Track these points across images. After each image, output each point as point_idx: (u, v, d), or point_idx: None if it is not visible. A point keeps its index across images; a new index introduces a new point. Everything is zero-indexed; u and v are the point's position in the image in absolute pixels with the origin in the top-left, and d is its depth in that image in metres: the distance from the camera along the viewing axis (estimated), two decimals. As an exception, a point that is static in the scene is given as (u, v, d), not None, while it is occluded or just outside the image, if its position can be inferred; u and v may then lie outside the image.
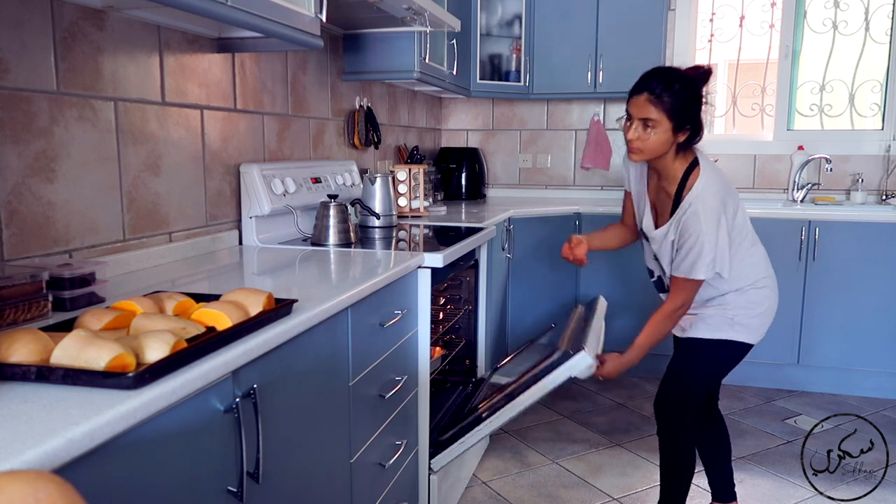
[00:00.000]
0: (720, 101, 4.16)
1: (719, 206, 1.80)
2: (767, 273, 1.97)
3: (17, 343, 0.90)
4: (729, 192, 1.87)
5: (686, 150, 1.85)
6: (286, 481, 1.25)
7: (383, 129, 3.20)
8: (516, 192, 4.20)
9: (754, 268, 1.93)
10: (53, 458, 0.71)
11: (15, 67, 1.34)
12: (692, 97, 1.79)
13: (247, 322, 1.11)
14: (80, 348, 0.89)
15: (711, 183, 1.82)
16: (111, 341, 0.90)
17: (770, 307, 1.96)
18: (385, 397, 1.72)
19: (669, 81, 1.77)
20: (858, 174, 3.70)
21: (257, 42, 1.94)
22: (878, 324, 3.28)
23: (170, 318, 1.09)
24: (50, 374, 0.86)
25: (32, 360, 0.89)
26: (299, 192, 2.24)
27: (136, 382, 0.85)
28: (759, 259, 1.96)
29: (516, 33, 3.76)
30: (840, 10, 3.77)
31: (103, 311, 1.09)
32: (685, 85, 1.78)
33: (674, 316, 1.92)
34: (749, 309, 1.92)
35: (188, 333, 1.01)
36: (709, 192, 1.80)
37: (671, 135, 1.79)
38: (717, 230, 1.79)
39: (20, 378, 0.87)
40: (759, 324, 1.94)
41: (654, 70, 1.83)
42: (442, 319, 2.62)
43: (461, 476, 2.42)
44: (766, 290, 1.95)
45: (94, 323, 1.06)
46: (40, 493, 0.51)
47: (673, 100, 1.76)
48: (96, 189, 1.56)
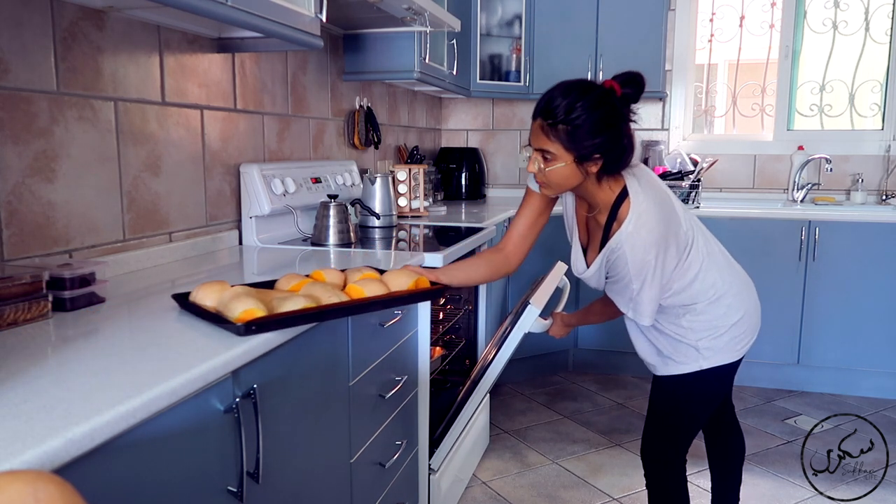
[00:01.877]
0: (720, 101, 4.17)
1: (655, 248, 1.52)
2: (726, 279, 1.67)
3: (204, 289, 1.25)
4: (669, 219, 1.56)
5: (612, 176, 1.54)
6: (286, 481, 1.25)
7: (383, 129, 3.20)
8: (516, 192, 4.19)
9: (703, 280, 1.64)
10: (53, 458, 0.71)
11: (15, 67, 1.34)
12: (602, 119, 1.44)
13: (383, 297, 1.38)
14: (230, 299, 1.16)
15: (646, 217, 1.52)
16: (254, 299, 1.15)
17: (739, 318, 1.67)
18: (385, 397, 1.72)
19: (570, 104, 1.43)
20: (858, 174, 3.70)
21: (257, 42, 1.94)
22: (878, 324, 3.28)
23: (327, 287, 1.32)
24: (194, 310, 1.22)
25: (208, 303, 1.21)
26: (299, 192, 2.24)
27: (244, 331, 1.08)
28: (709, 268, 1.64)
29: (516, 33, 3.76)
30: (840, 10, 3.77)
31: (295, 276, 1.39)
32: (592, 105, 1.43)
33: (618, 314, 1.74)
34: (712, 328, 1.65)
35: (321, 301, 1.25)
36: (643, 231, 1.52)
37: (575, 167, 1.48)
38: (643, 276, 1.54)
39: (181, 305, 1.27)
40: (729, 340, 1.67)
41: (555, 87, 1.49)
42: (442, 319, 2.62)
43: (461, 476, 2.42)
44: (727, 300, 1.66)
45: (285, 284, 1.37)
46: (40, 493, 0.51)
47: (570, 127, 1.44)
48: (96, 189, 1.56)
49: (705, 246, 1.67)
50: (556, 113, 1.45)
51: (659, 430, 1.78)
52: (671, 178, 3.64)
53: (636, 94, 1.49)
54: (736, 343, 1.69)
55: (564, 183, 1.53)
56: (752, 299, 1.74)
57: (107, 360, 0.99)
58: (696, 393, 1.72)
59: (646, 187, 1.57)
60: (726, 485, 2.02)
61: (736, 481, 2.02)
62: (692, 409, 1.76)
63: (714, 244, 1.72)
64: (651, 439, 1.79)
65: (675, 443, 1.77)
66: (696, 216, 1.73)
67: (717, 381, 1.73)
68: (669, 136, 3.97)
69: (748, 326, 1.71)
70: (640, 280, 1.55)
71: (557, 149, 1.47)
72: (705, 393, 1.74)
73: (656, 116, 3.98)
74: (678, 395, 1.73)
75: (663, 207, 1.57)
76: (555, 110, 1.45)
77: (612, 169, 1.51)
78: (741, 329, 1.69)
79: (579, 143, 1.45)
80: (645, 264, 1.53)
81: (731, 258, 1.76)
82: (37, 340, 1.09)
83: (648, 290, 1.57)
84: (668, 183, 3.60)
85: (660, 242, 1.53)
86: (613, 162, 1.50)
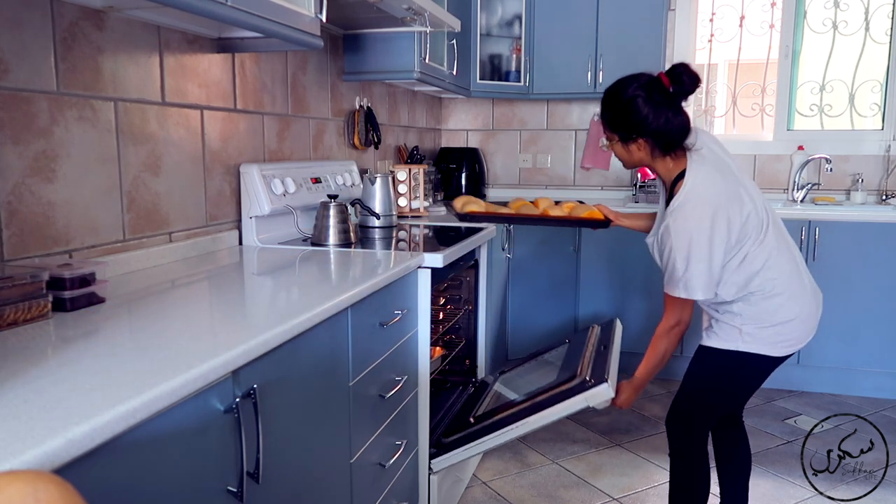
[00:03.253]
0: (720, 101, 4.16)
1: (698, 222, 1.67)
2: (785, 281, 1.75)
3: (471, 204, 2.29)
4: (721, 201, 1.69)
5: (676, 153, 1.76)
6: (286, 481, 1.25)
7: (383, 129, 3.20)
8: (516, 192, 4.19)
9: (764, 276, 1.73)
10: (53, 458, 0.71)
11: (15, 67, 1.34)
12: (620, 107, 1.75)
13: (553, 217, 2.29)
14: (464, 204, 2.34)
15: (693, 196, 1.69)
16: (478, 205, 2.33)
17: (788, 319, 1.75)
18: (385, 397, 1.72)
19: (602, 101, 1.82)
20: (858, 174, 3.70)
21: (257, 42, 1.94)
22: (878, 324, 3.28)
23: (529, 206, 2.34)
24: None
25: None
26: (299, 193, 2.24)
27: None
28: (772, 266, 1.74)
29: (516, 33, 3.76)
30: (840, 10, 3.77)
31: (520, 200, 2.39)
32: (610, 97, 1.79)
33: (671, 334, 1.81)
34: (759, 320, 1.75)
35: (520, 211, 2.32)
36: (688, 206, 1.69)
37: (622, 147, 1.80)
38: (688, 249, 1.68)
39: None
40: (773, 334, 1.75)
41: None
42: (442, 319, 2.61)
43: (461, 476, 2.42)
44: (781, 299, 1.74)
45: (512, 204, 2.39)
46: (40, 493, 0.51)
47: (609, 114, 1.80)
48: (96, 189, 1.56)
49: (777, 241, 1.77)
50: (602, 106, 1.83)
51: (688, 395, 1.90)
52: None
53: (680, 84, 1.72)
54: (779, 339, 1.77)
55: (626, 158, 1.84)
56: (809, 307, 1.81)
57: (107, 360, 0.99)
58: (727, 368, 1.83)
59: (706, 168, 1.74)
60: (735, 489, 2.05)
61: (744, 483, 2.05)
62: (721, 384, 1.87)
63: (786, 242, 1.82)
64: (680, 402, 1.92)
65: (701, 411, 1.89)
66: (777, 213, 1.84)
67: (746, 368, 1.82)
68: (669, 136, 3.97)
69: (797, 331, 1.78)
70: (685, 256, 1.69)
71: (609, 133, 1.83)
72: (736, 374, 1.84)
73: (656, 116, 3.98)
74: (712, 368, 1.85)
75: (716, 188, 1.71)
76: (602, 104, 1.83)
77: (664, 148, 1.75)
78: (788, 329, 1.77)
79: (618, 125, 1.79)
80: (689, 240, 1.68)
81: (802, 263, 1.85)
82: (37, 340, 1.09)
83: (696, 265, 1.69)
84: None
85: (706, 219, 1.67)
86: (659, 142, 1.74)
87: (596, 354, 2.08)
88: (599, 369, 1.94)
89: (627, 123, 1.75)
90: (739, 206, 1.71)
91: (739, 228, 1.70)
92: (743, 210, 1.71)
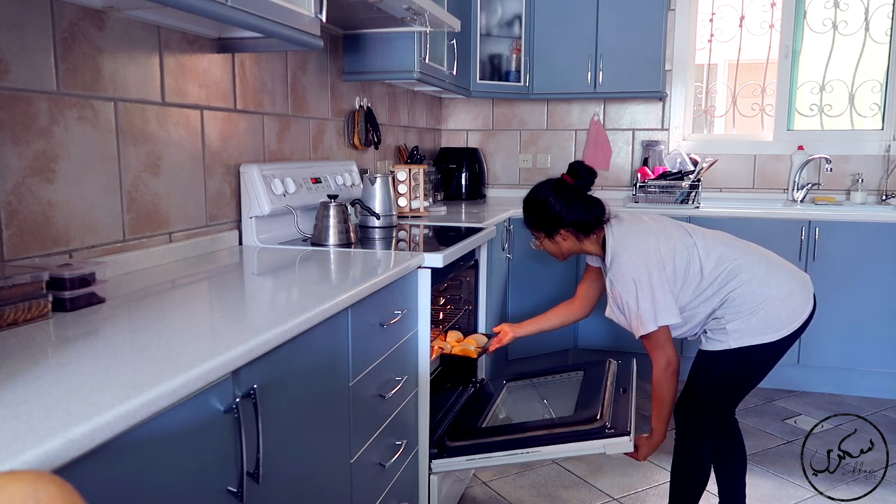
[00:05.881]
0: (720, 101, 4.17)
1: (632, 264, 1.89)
2: (749, 271, 1.88)
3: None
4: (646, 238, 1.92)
5: (597, 231, 2.01)
6: (286, 481, 1.25)
7: (383, 129, 3.20)
8: (516, 192, 4.18)
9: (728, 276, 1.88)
10: (53, 458, 0.71)
11: (15, 67, 1.34)
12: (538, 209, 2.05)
13: None
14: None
15: (619, 247, 1.93)
16: None
17: (763, 301, 1.85)
18: (385, 397, 1.72)
19: (524, 207, 2.10)
20: (858, 174, 3.70)
21: (257, 42, 1.94)
22: (878, 324, 3.28)
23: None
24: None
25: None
26: (299, 193, 2.24)
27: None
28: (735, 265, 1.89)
29: (516, 33, 3.77)
30: (840, 10, 3.77)
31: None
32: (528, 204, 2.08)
33: (665, 374, 1.93)
34: (739, 313, 1.87)
35: None
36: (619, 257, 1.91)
37: (552, 239, 2.06)
38: (635, 288, 1.87)
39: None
40: (758, 322, 1.85)
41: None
42: (442, 319, 2.61)
43: (461, 476, 2.42)
44: (751, 287, 1.86)
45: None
46: (40, 493, 0.51)
47: (532, 217, 2.08)
48: (96, 189, 1.56)
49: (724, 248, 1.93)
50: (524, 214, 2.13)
51: (691, 396, 2.01)
52: (671, 178, 3.64)
53: (580, 178, 2.02)
54: (766, 324, 1.86)
55: (556, 251, 2.11)
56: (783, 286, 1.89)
57: (107, 360, 0.99)
58: (727, 367, 1.93)
59: (620, 224, 1.99)
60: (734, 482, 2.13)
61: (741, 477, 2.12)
62: (723, 382, 1.97)
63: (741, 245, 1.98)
64: (684, 402, 2.03)
65: (706, 411, 2.00)
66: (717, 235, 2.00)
67: (744, 362, 1.90)
68: (669, 136, 3.97)
69: (780, 310, 1.87)
70: (635, 296, 1.88)
71: (535, 233, 2.12)
72: (740, 370, 1.94)
73: (656, 116, 3.98)
74: (714, 370, 1.96)
75: (634, 232, 1.95)
76: (524, 213, 2.13)
77: (584, 230, 2.01)
78: (769, 312, 1.86)
79: (538, 228, 2.09)
80: (632, 280, 1.88)
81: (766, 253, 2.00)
82: (37, 340, 1.09)
83: (646, 298, 1.87)
84: (667, 183, 3.61)
85: (637, 258, 1.89)
86: (579, 227, 2.01)
87: (616, 397, 2.07)
88: (622, 418, 1.91)
89: (548, 220, 2.03)
90: (665, 237, 1.93)
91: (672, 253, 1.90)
92: (669, 240, 1.92)
